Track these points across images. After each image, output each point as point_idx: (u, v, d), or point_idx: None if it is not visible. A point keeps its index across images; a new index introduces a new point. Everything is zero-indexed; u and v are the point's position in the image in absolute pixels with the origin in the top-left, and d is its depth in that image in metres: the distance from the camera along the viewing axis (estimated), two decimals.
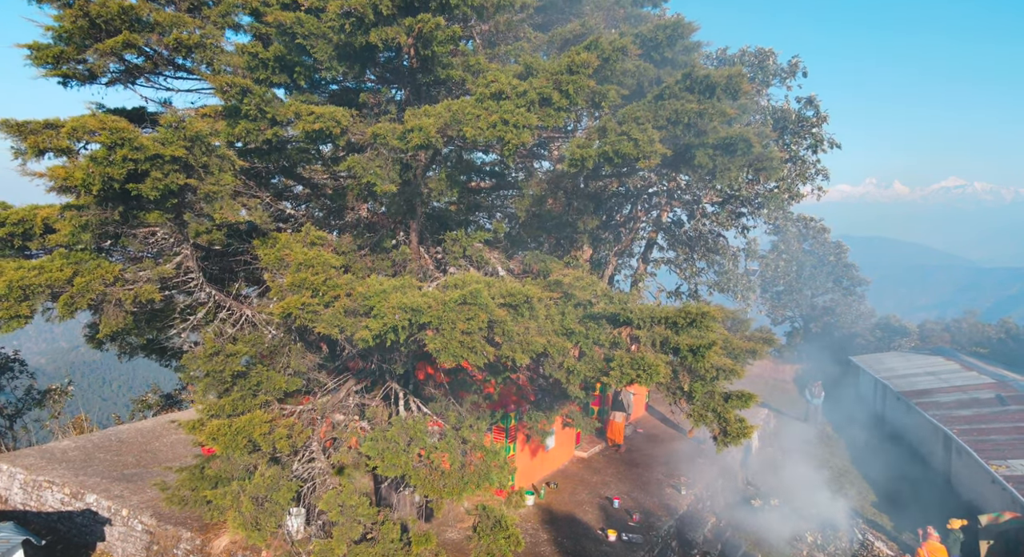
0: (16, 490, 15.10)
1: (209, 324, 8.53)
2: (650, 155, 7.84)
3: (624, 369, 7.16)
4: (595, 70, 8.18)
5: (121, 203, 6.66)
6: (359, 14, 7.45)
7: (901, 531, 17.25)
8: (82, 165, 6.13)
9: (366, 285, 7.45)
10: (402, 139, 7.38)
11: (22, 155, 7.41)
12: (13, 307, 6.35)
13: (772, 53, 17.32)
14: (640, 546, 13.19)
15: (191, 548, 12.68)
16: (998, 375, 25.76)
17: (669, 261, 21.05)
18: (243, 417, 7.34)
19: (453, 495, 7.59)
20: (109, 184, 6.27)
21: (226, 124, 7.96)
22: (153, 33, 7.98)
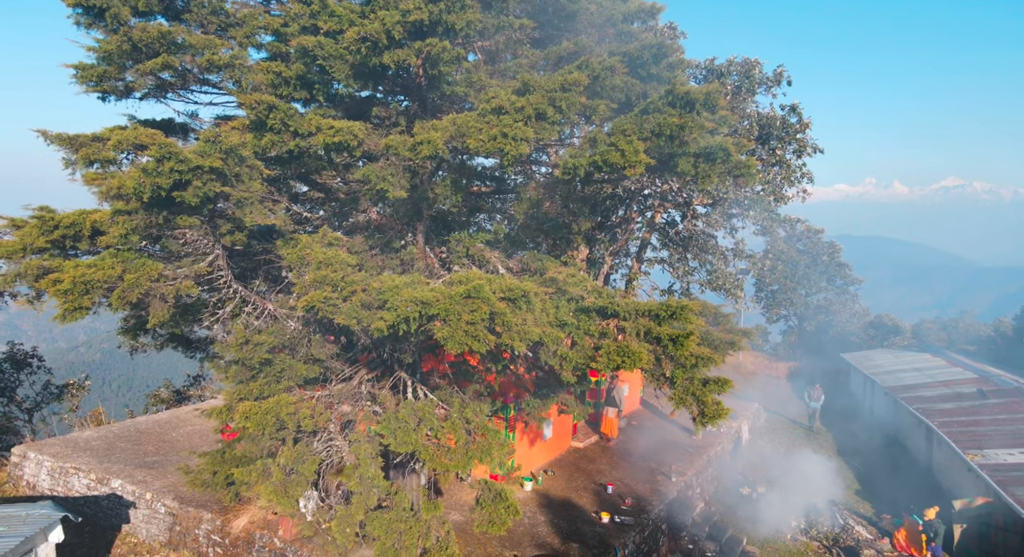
0: (44, 476, 15.98)
1: (235, 317, 9.41)
2: (635, 164, 8.73)
3: (611, 356, 8.04)
4: (586, 87, 9.08)
5: (165, 208, 7.53)
6: (374, 39, 8.32)
7: (881, 517, 18.11)
8: (134, 175, 7.00)
9: (380, 281, 8.33)
10: (412, 150, 8.26)
11: (72, 165, 8.28)
12: (76, 300, 7.23)
13: (758, 63, 18.19)
14: (631, 527, 14.07)
15: (212, 528, 13.55)
16: (981, 371, 26.65)
17: (662, 261, 21.92)
18: (271, 399, 8.23)
19: (459, 468, 8.47)
20: (157, 192, 7.15)
21: (253, 136, 8.82)
22: (187, 54, 8.85)
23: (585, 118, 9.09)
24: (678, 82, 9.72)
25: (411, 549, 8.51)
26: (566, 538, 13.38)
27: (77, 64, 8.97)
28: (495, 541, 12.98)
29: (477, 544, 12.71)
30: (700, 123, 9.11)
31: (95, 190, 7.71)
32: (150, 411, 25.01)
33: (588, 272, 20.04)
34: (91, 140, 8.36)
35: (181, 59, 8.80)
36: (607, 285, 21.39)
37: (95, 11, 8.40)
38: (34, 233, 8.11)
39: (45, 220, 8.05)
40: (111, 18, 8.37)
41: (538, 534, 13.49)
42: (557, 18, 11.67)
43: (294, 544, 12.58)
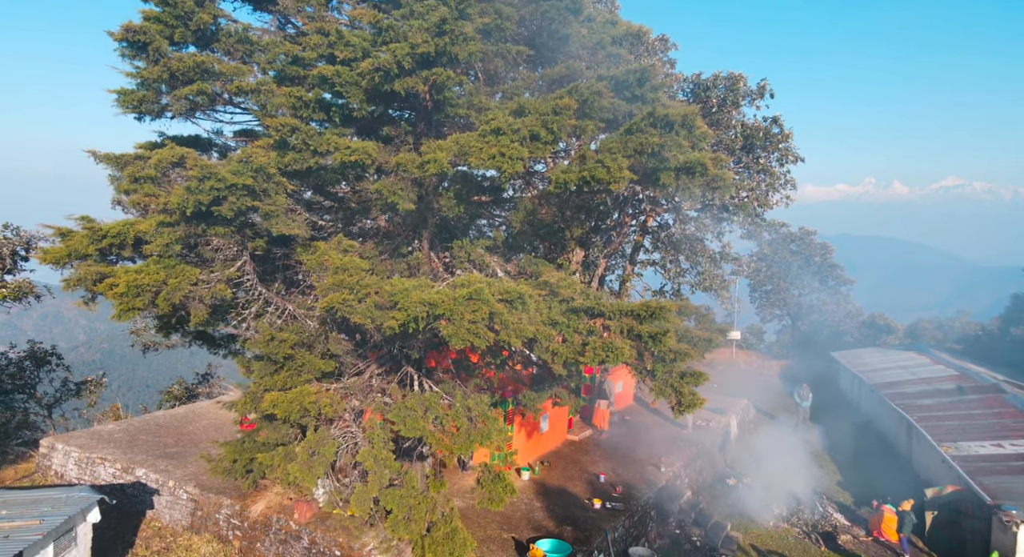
0: (71, 466, 17.02)
1: (259, 317, 10.44)
2: (619, 180, 9.77)
3: (597, 351, 9.07)
4: (576, 108, 10.11)
5: (203, 221, 8.57)
6: (386, 68, 9.35)
7: (860, 506, 19.12)
8: (179, 192, 8.03)
9: (391, 284, 9.36)
10: (420, 168, 9.29)
11: (117, 181, 9.31)
12: (130, 302, 8.26)
13: (742, 77, 19.21)
14: (621, 513, 15.10)
15: (231, 513, 14.57)
16: (963, 368, 27.67)
17: (654, 263, 22.96)
18: (295, 390, 9.26)
19: (461, 451, 9.51)
20: (198, 207, 8.18)
21: (276, 154, 9.86)
22: (218, 81, 9.88)
23: (575, 137, 10.09)
24: (659, 104, 10.79)
25: (419, 522, 9.54)
26: (560, 522, 14.41)
27: (119, 90, 10.00)
28: (494, 524, 14.01)
29: (477, 527, 13.72)
30: (678, 142, 10.15)
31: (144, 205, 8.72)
32: (164, 406, 26.05)
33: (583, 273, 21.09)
34: (134, 158, 9.40)
35: (213, 85, 9.82)
36: (602, 286, 22.43)
37: (138, 45, 9.42)
38: (84, 242, 9.13)
39: (95, 231, 9.07)
40: (152, 51, 9.40)
41: (535, 518, 14.52)
42: (552, 40, 12.68)
43: (308, 526, 13.58)
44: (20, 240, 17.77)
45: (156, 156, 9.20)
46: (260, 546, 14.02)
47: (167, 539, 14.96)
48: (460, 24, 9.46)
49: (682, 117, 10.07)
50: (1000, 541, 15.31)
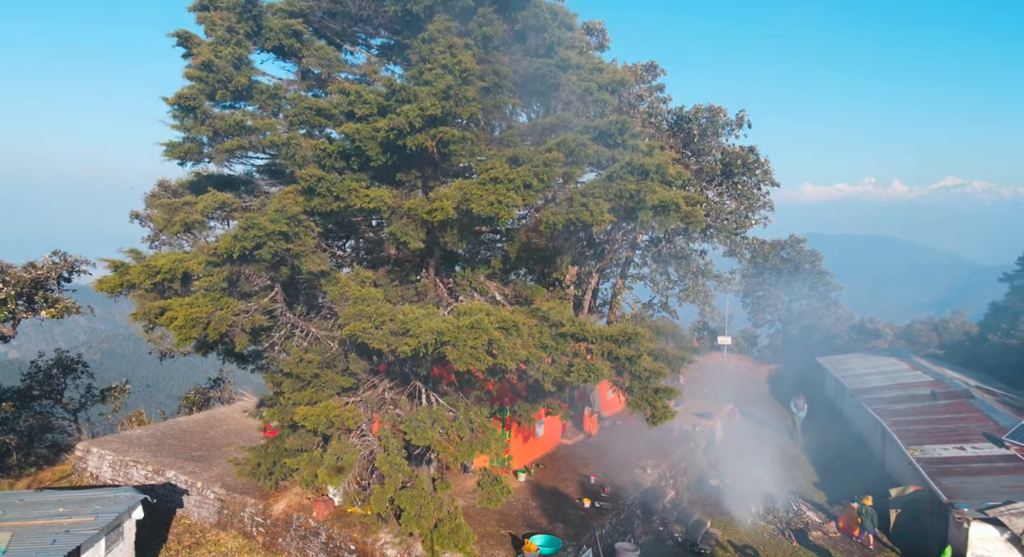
0: (106, 468, 18.55)
1: (288, 339, 11.96)
2: (601, 221, 11.30)
3: (580, 372, 10.60)
4: (565, 155, 11.63)
5: (246, 262, 10.08)
6: (399, 128, 10.86)
7: (833, 505, 20.64)
8: (227, 239, 9.54)
9: (403, 313, 10.87)
10: (429, 214, 10.81)
11: (169, 224, 10.83)
12: (187, 332, 9.77)
13: (722, 109, 20.72)
14: (609, 511, 16.62)
15: (255, 511, 16.09)
16: (938, 375, 29.16)
17: (644, 277, 24.47)
18: (321, 405, 10.78)
19: (464, 458, 11.03)
20: (243, 251, 9.70)
21: (304, 198, 11.38)
22: (253, 135, 11.39)
23: (564, 182, 11.61)
24: (637, 151, 12.33)
25: (428, 518, 11.04)
26: (553, 519, 15.92)
27: (168, 143, 11.52)
28: (493, 521, 15.53)
29: (477, 524, 15.23)
30: (652, 188, 11.66)
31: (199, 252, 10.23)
32: (183, 412, 27.58)
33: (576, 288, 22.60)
34: (182, 205, 10.91)
35: (249, 139, 11.32)
36: (595, 299, 23.92)
37: (188, 108, 10.92)
38: (141, 276, 10.62)
39: (150, 268, 10.57)
40: (199, 113, 10.90)
41: (530, 516, 16.04)
42: (544, 87, 14.18)
43: (325, 523, 15.09)
44: (66, 264, 19.34)
45: (201, 203, 10.73)
46: (282, 541, 15.53)
47: (196, 535, 16.48)
48: (464, 89, 10.99)
49: (656, 166, 11.57)
50: (955, 537, 16.82)
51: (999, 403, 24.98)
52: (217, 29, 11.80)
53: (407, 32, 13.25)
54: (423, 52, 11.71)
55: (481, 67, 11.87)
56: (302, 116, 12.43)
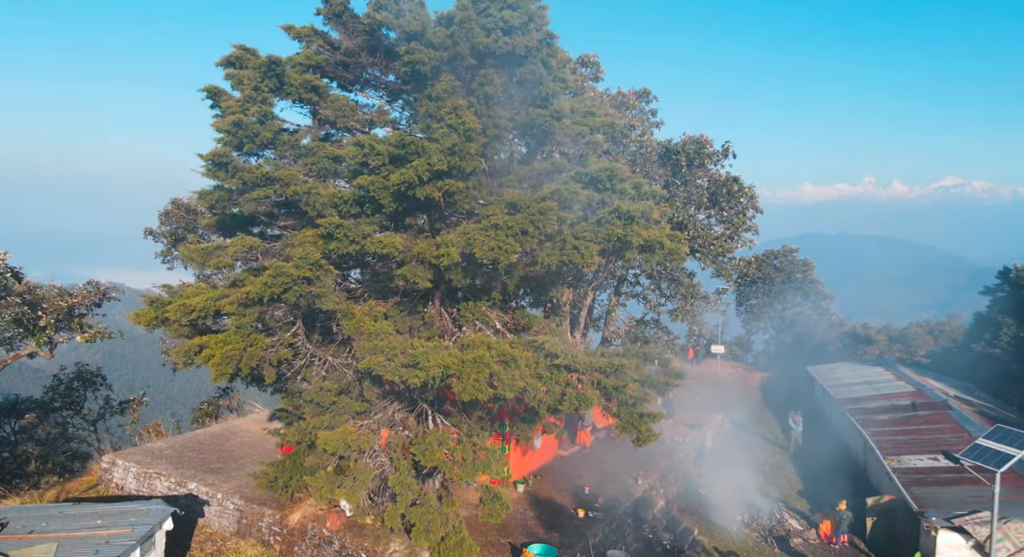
0: (131, 480, 19.78)
1: (308, 368, 13.19)
2: (591, 263, 12.54)
3: (571, 400, 11.82)
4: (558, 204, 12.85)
5: (273, 303, 11.31)
6: (409, 181, 12.09)
7: (815, 513, 21.86)
8: (258, 285, 10.77)
9: (413, 346, 12.08)
10: (436, 259, 12.04)
11: (202, 267, 12.06)
12: (223, 368, 10.99)
13: (708, 141, 21.94)
14: (602, 520, 17.84)
15: (272, 521, 17.31)
16: (920, 385, 30.39)
17: (637, 294, 25.69)
18: (339, 429, 12.01)
19: (467, 478, 12.25)
20: (272, 295, 10.93)
21: (323, 242, 12.61)
22: (277, 185, 12.61)
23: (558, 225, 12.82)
24: (624, 197, 13.56)
25: (436, 532, 12.26)
26: (549, 529, 17.15)
27: (200, 191, 12.76)
28: (494, 530, 16.74)
29: (480, 533, 16.46)
30: (637, 231, 12.89)
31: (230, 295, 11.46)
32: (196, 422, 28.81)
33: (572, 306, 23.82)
34: (215, 249, 12.13)
35: (274, 189, 12.54)
36: (590, 316, 25.14)
37: (220, 164, 12.13)
38: (177, 313, 11.83)
39: (186, 306, 11.77)
40: (231, 167, 12.12)
41: (527, 526, 17.27)
42: (540, 132, 15.40)
43: (338, 533, 16.31)
44: (98, 292, 20.59)
45: (232, 248, 11.98)
46: (297, 550, 16.75)
47: (217, 543, 17.70)
48: (467, 146, 12.22)
49: (640, 212, 12.79)
50: (925, 544, 18.05)
51: (975, 413, 26.20)
52: (245, 88, 13.04)
53: (415, 84, 14.47)
54: (430, 108, 12.96)
55: (483, 121, 13.11)
56: (320, 163, 13.69)
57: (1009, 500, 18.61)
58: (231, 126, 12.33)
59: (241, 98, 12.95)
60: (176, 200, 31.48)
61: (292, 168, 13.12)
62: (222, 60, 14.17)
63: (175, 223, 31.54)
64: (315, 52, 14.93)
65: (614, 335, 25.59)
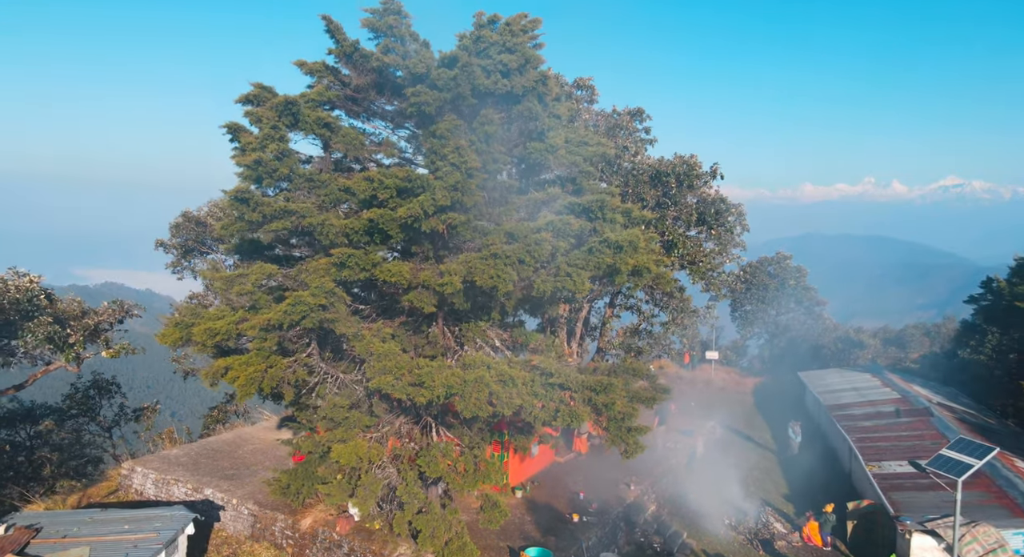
0: (149, 486, 20.86)
1: (321, 384, 14.27)
2: (583, 289, 13.61)
3: (564, 417, 12.90)
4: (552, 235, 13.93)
5: (292, 328, 12.39)
6: (416, 215, 13.16)
7: (799, 516, 22.92)
8: (279, 311, 11.84)
9: (419, 366, 13.15)
10: (440, 286, 13.11)
11: (226, 292, 13.13)
12: (247, 389, 12.06)
13: (697, 163, 23.02)
14: (595, 525, 18.92)
15: (285, 526, 18.39)
16: (905, 391, 31.46)
17: (630, 307, 26.79)
18: (352, 443, 13.09)
19: (469, 487, 13.33)
20: (291, 322, 12.01)
21: (336, 270, 13.68)
22: (294, 216, 13.68)
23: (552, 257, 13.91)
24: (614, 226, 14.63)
25: (440, 538, 13.34)
26: (546, 533, 18.22)
27: (223, 223, 13.83)
28: (493, 535, 17.81)
29: (480, 537, 17.52)
30: (625, 260, 13.97)
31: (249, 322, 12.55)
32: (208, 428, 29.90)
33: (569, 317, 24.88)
34: (236, 277, 13.21)
35: (291, 220, 13.61)
36: (586, 327, 26.21)
37: (243, 200, 13.22)
38: (203, 336, 12.91)
39: (211, 330, 12.85)
40: (252, 202, 13.20)
41: (525, 530, 18.34)
42: (536, 165, 16.50)
43: (347, 537, 17.39)
44: (122, 310, 21.70)
45: (252, 276, 13.07)
46: (309, 553, 17.84)
47: (233, 546, 18.79)
48: (469, 182, 13.30)
49: (628, 242, 13.86)
50: (900, 546, 19.13)
51: (956, 420, 27.27)
52: (263, 126, 14.12)
53: (419, 120, 15.54)
54: (434, 146, 14.04)
55: (483, 157, 14.18)
56: (332, 195, 14.77)
57: (981, 505, 19.76)
58: (252, 163, 13.40)
59: (260, 136, 14.02)
60: (186, 212, 32.54)
61: (306, 200, 14.19)
62: (241, 97, 15.25)
63: (185, 235, 32.59)
64: (326, 87, 16.02)
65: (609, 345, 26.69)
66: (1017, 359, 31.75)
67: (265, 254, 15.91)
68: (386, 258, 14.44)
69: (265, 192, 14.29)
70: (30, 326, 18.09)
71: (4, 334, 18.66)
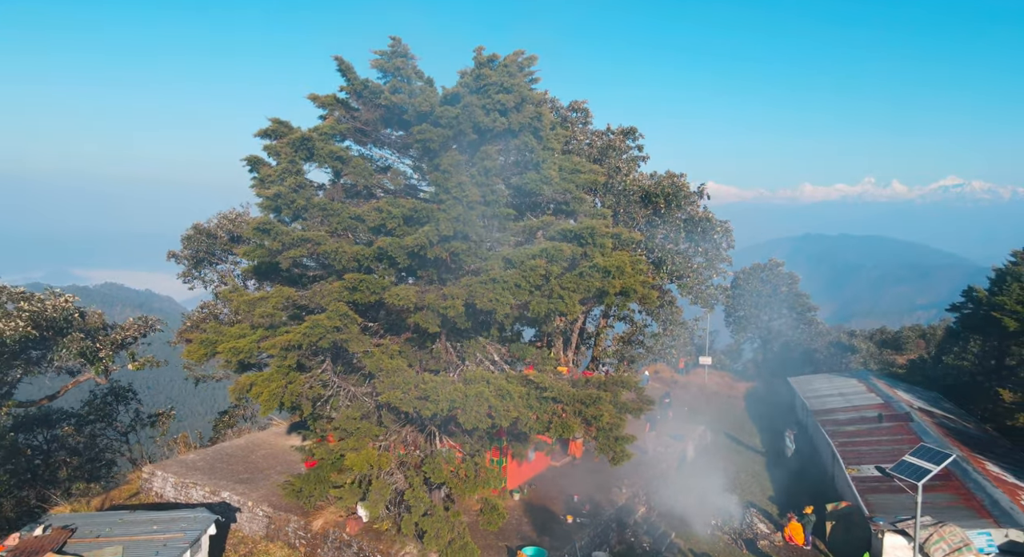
0: (169, 489, 22.17)
1: (334, 397, 15.57)
2: (574, 311, 14.92)
3: (556, 428, 14.20)
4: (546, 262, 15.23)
5: (311, 347, 13.70)
6: (422, 243, 14.47)
7: (782, 517, 24.22)
8: (299, 332, 13.14)
9: (424, 381, 14.45)
10: (444, 309, 14.41)
11: (249, 315, 14.43)
12: (270, 404, 13.37)
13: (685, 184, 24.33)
14: (588, 526, 20.21)
15: (298, 526, 19.68)
16: (888, 397, 32.75)
17: (623, 317, 28.10)
18: (363, 451, 14.39)
19: (469, 492, 14.62)
20: (309, 343, 13.32)
21: (348, 293, 14.98)
22: (310, 244, 14.99)
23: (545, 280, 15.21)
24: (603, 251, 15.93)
25: (443, 538, 14.64)
26: (541, 533, 19.52)
27: (246, 249, 15.16)
28: (492, 535, 19.10)
29: (480, 537, 18.81)
30: (612, 283, 15.28)
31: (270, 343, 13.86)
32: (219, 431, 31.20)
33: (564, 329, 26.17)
34: (258, 300, 14.52)
35: (307, 247, 14.92)
36: (581, 336, 27.49)
37: (265, 230, 14.54)
38: (228, 353, 14.22)
39: (236, 348, 14.16)
40: (274, 232, 14.51)
41: (522, 530, 19.64)
42: (532, 193, 17.80)
43: (356, 537, 18.66)
44: (146, 325, 23.03)
45: (272, 299, 14.39)
46: (320, 552, 19.12)
47: (249, 545, 20.08)
48: (470, 214, 14.61)
49: (615, 267, 15.18)
50: (875, 546, 20.42)
51: (934, 425, 28.56)
52: (282, 160, 15.43)
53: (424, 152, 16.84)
54: (438, 178, 15.36)
55: (482, 190, 15.49)
56: (344, 223, 16.07)
57: (950, 506, 21.08)
58: (273, 196, 14.73)
59: (279, 170, 15.34)
60: (197, 225, 33.84)
61: (321, 228, 15.50)
62: (260, 132, 16.57)
63: (196, 246, 33.89)
64: (337, 120, 17.33)
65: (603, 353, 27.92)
66: (996, 366, 33.03)
67: (281, 274, 17.20)
68: (394, 282, 15.71)
69: (283, 220, 15.58)
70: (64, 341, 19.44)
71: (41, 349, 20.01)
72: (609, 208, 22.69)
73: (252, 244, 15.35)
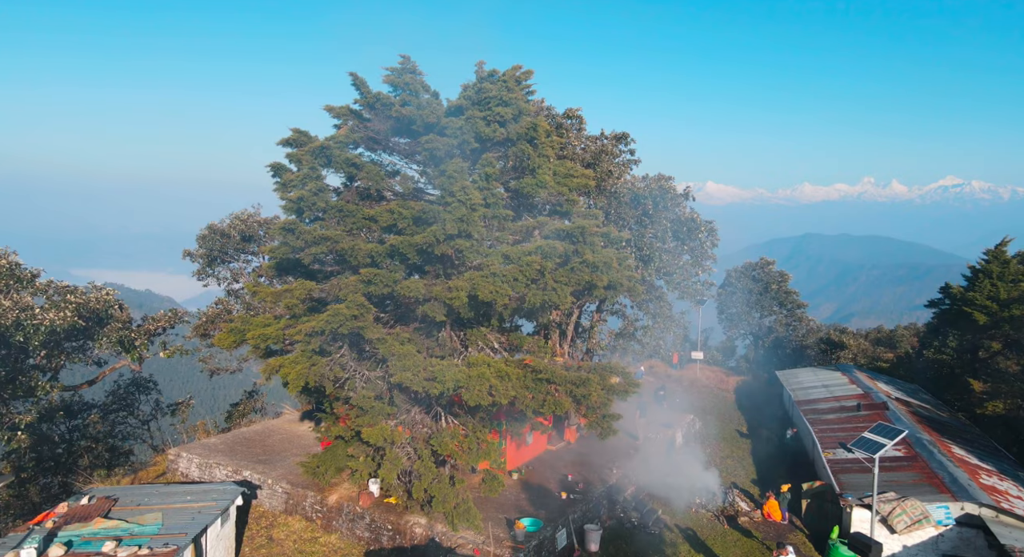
0: (194, 469, 23.95)
1: (351, 380, 17.35)
2: (565, 302, 16.70)
3: (550, 406, 15.99)
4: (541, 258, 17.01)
5: (332, 333, 15.49)
6: (429, 241, 16.25)
7: (763, 496, 25.98)
8: (322, 320, 14.92)
9: (431, 363, 16.22)
10: (449, 300, 16.20)
11: (276, 305, 16.20)
12: (296, 383, 15.15)
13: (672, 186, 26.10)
14: (581, 502, 21.98)
15: (314, 501, 21.45)
16: (869, 388, 34.52)
17: (616, 312, 29.86)
18: (378, 426, 16.17)
19: (472, 463, 16.38)
20: (331, 330, 15.10)
21: (363, 285, 16.76)
22: (329, 242, 16.77)
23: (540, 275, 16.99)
24: (592, 248, 17.70)
25: (449, 502, 16.43)
26: (538, 507, 21.27)
27: (270, 248, 16.91)
28: (493, 508, 20.87)
29: (482, 509, 20.54)
30: (600, 277, 17.06)
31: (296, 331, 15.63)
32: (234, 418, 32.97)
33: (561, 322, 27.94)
34: (282, 293, 16.30)
35: (327, 246, 16.69)
36: (577, 329, 29.26)
37: (290, 230, 16.33)
38: (256, 340, 15.99)
39: (263, 335, 15.93)
40: (297, 231, 16.30)
41: (520, 505, 21.40)
42: (528, 197, 19.58)
43: (369, 510, 20.43)
44: (176, 317, 24.81)
45: (297, 292, 16.17)
46: (335, 523, 20.89)
47: (270, 519, 21.85)
48: (473, 215, 16.39)
49: (604, 263, 16.97)
50: (844, 519, 22.19)
51: (909, 413, 30.33)
52: (303, 166, 17.22)
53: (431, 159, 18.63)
54: (444, 184, 17.12)
55: (483, 193, 17.26)
56: (359, 223, 17.86)
57: (914, 484, 22.85)
58: (296, 200, 16.52)
59: (300, 175, 17.13)
60: (212, 225, 35.63)
61: (338, 228, 17.28)
62: (282, 141, 18.36)
63: (210, 245, 35.68)
64: (351, 130, 19.13)
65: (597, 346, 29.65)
66: (971, 359, 34.79)
67: (300, 270, 18.98)
68: (404, 276, 17.49)
69: (304, 221, 17.37)
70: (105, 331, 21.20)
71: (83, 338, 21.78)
72: (600, 210, 24.39)
73: (279, 243, 17.12)
